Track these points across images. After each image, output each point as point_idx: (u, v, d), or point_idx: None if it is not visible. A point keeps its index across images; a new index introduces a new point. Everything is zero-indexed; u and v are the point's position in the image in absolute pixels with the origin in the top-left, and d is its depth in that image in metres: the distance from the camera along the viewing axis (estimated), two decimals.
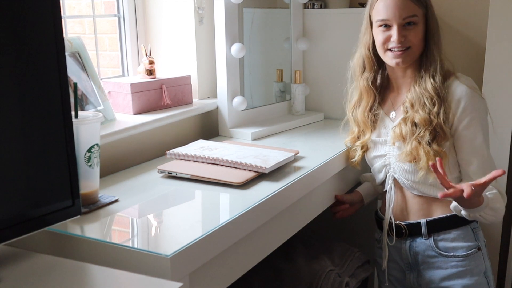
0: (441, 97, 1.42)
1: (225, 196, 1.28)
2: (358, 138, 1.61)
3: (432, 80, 1.43)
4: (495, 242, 1.99)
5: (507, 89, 1.87)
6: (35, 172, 0.92)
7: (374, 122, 1.57)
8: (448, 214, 1.47)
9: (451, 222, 1.47)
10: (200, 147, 1.53)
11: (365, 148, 1.60)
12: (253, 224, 1.19)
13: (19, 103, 0.88)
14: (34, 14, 0.89)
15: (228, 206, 1.26)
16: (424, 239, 1.50)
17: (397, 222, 1.54)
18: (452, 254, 1.47)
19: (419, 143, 1.41)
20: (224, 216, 1.15)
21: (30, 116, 0.90)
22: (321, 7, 2.13)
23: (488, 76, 1.90)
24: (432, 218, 1.49)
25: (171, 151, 1.48)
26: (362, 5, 2.14)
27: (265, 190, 1.28)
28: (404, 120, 1.46)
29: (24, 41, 0.88)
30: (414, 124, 1.43)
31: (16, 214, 0.90)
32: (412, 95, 1.46)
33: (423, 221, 1.49)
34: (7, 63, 0.86)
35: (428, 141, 1.41)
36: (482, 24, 1.98)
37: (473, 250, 1.47)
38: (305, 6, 2.10)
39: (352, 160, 1.61)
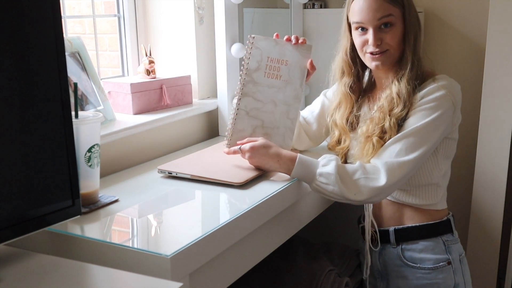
0: (402, 98, 1.35)
1: (225, 196, 1.28)
2: (339, 142, 1.54)
3: (397, 83, 1.37)
4: (495, 242, 1.99)
5: (507, 89, 1.87)
6: (35, 172, 0.92)
7: (356, 123, 1.50)
8: (418, 224, 1.43)
9: (420, 232, 1.42)
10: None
11: (345, 157, 1.53)
12: (253, 224, 1.19)
13: (19, 103, 0.88)
14: (34, 14, 0.89)
15: (228, 206, 1.26)
16: (393, 247, 1.46)
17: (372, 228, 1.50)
18: (418, 265, 1.43)
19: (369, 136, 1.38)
20: (224, 216, 1.15)
21: (30, 116, 0.90)
22: (321, 7, 2.13)
23: (488, 76, 1.90)
24: (401, 226, 1.44)
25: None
26: None
27: (265, 190, 1.28)
28: (371, 119, 1.41)
29: (24, 41, 0.88)
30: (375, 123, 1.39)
31: (16, 214, 0.90)
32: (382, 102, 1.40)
33: (391, 229, 1.46)
34: (7, 63, 0.86)
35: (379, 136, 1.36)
36: (482, 24, 1.98)
37: (441, 263, 1.41)
38: (305, 6, 2.10)
39: None
